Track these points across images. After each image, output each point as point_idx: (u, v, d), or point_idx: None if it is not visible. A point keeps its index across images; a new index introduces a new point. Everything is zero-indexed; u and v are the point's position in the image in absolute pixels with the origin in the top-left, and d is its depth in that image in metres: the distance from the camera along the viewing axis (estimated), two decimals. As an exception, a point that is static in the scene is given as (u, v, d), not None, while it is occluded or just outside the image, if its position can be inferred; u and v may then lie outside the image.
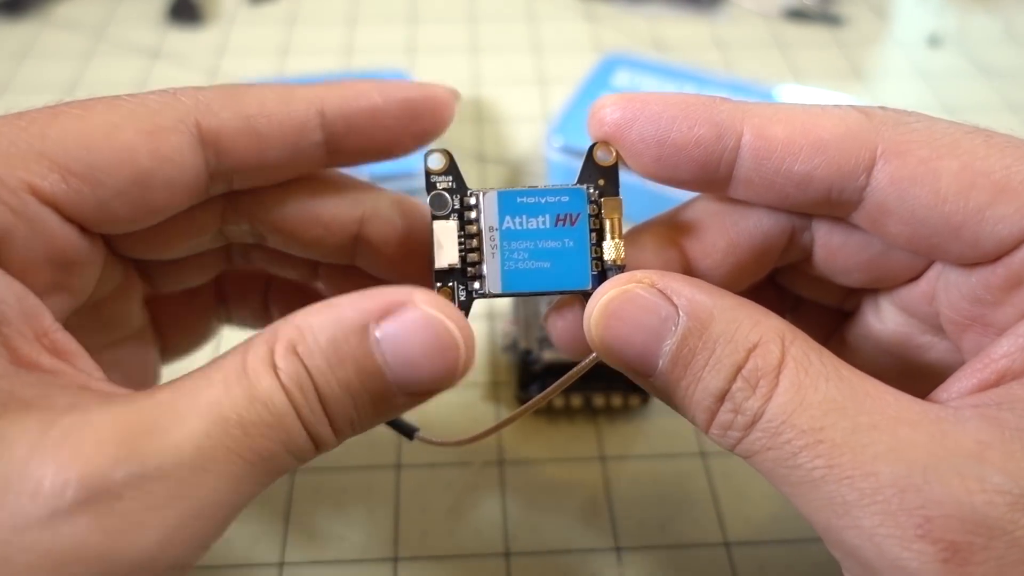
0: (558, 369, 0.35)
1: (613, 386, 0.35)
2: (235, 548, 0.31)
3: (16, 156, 0.19)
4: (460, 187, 0.23)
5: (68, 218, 0.20)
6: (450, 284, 0.23)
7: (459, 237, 0.23)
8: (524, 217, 0.23)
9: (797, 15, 0.64)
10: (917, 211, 0.20)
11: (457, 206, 0.23)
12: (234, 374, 0.19)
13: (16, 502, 0.16)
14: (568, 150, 0.45)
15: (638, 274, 0.21)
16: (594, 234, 0.23)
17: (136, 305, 0.26)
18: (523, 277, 0.23)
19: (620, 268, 0.23)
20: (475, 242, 0.23)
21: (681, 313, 0.20)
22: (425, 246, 0.23)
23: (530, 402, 0.25)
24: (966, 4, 0.66)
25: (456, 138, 0.52)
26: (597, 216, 0.23)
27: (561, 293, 0.23)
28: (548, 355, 0.35)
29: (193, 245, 0.25)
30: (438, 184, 0.23)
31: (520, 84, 0.57)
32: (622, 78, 0.51)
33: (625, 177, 0.24)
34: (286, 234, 0.24)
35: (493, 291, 0.23)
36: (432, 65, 0.58)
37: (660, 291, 0.21)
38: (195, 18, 0.62)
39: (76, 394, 0.18)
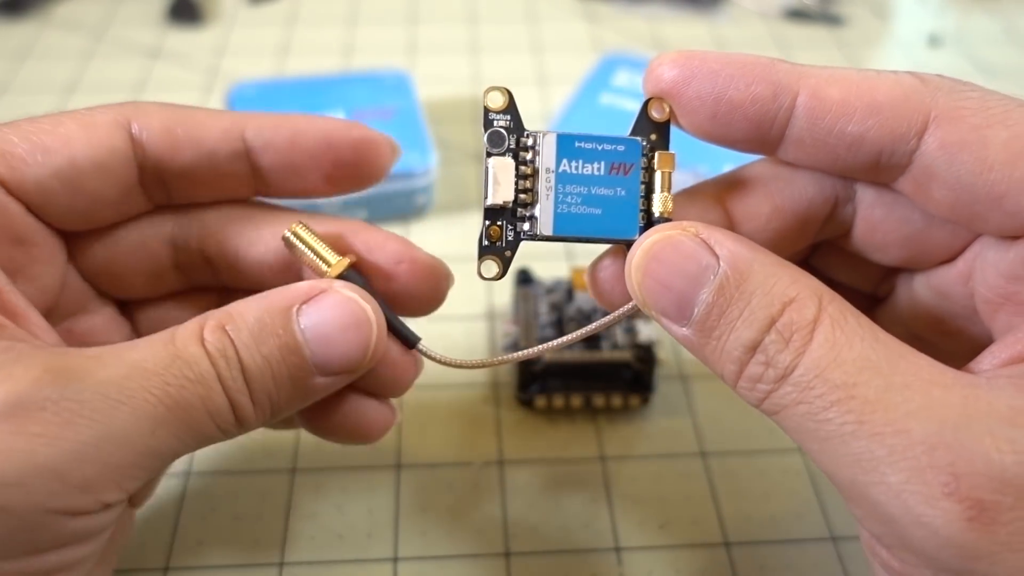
0: (558, 369, 0.35)
1: (613, 386, 0.35)
2: (235, 548, 0.31)
3: None
4: (518, 127, 0.23)
5: (12, 194, 0.23)
6: (500, 223, 0.23)
7: (514, 176, 0.23)
8: (580, 162, 0.23)
9: (797, 15, 0.64)
10: (963, 177, 0.21)
11: (512, 146, 0.23)
12: (161, 341, 0.21)
13: None
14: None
15: (683, 223, 0.22)
16: (643, 187, 0.23)
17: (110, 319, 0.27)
18: (574, 221, 0.23)
19: (668, 220, 0.23)
20: (528, 183, 0.23)
21: (722, 263, 0.21)
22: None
23: (557, 340, 0.25)
24: (966, 4, 0.66)
25: (456, 138, 0.52)
26: (648, 169, 0.23)
27: (608, 241, 0.23)
28: (548, 355, 0.35)
29: (150, 281, 0.27)
30: (496, 122, 0.23)
31: (520, 84, 0.57)
32: (622, 78, 0.51)
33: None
34: (238, 268, 0.26)
35: (544, 232, 0.23)
36: (432, 65, 0.58)
37: (703, 240, 0.21)
38: (195, 18, 0.62)
39: (12, 342, 0.20)
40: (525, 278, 0.39)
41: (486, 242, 0.23)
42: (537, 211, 0.23)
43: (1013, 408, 0.18)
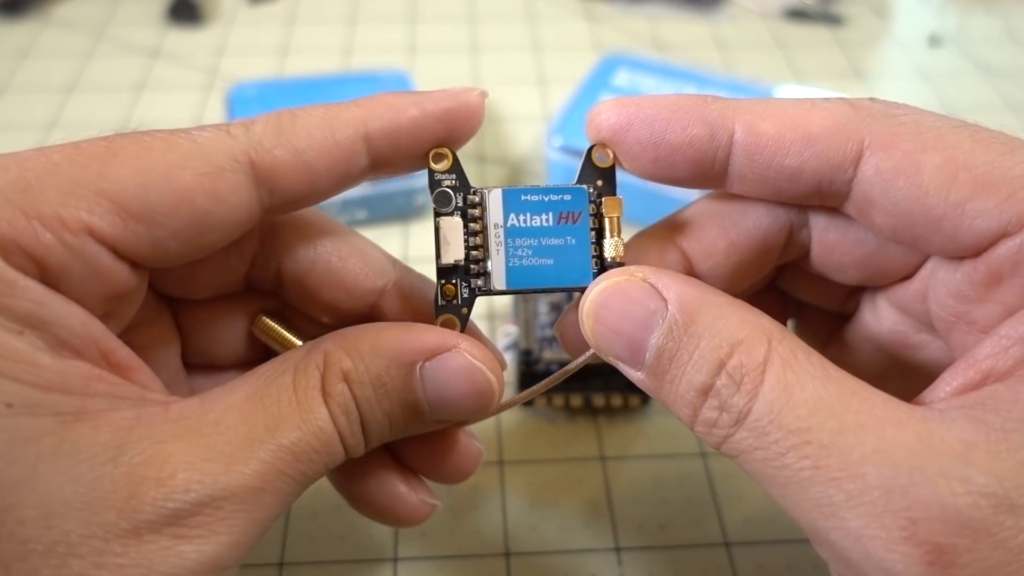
0: (557, 369, 0.35)
1: (613, 386, 0.35)
2: (235, 548, 0.31)
3: (77, 195, 0.19)
4: (463, 185, 0.23)
5: (122, 256, 0.21)
6: (453, 281, 0.23)
7: (464, 234, 0.23)
8: (528, 215, 0.23)
9: (797, 15, 0.64)
10: (900, 203, 0.21)
11: (460, 204, 0.23)
12: (287, 400, 0.21)
13: (103, 515, 0.18)
14: (568, 150, 0.45)
15: (631, 268, 0.22)
16: (594, 233, 0.23)
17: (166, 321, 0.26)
18: (527, 274, 0.23)
19: (620, 265, 0.23)
20: (478, 239, 0.23)
21: (669, 307, 0.20)
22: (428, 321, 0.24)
23: (518, 395, 0.25)
24: (966, 4, 0.66)
25: (456, 138, 0.52)
26: (597, 215, 0.23)
27: (563, 290, 0.23)
28: (548, 355, 0.35)
29: (218, 287, 0.25)
30: (443, 182, 0.23)
31: (520, 84, 0.57)
32: (622, 78, 0.51)
33: (624, 177, 0.24)
34: (307, 289, 0.25)
35: (498, 287, 0.23)
36: (432, 65, 0.58)
37: (651, 285, 0.21)
38: (195, 18, 0.62)
39: (139, 409, 0.20)
40: (525, 278, 0.39)
41: (442, 301, 0.23)
42: (490, 266, 0.23)
43: (966, 443, 0.18)
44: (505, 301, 0.41)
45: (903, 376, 0.25)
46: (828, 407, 0.19)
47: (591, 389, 0.35)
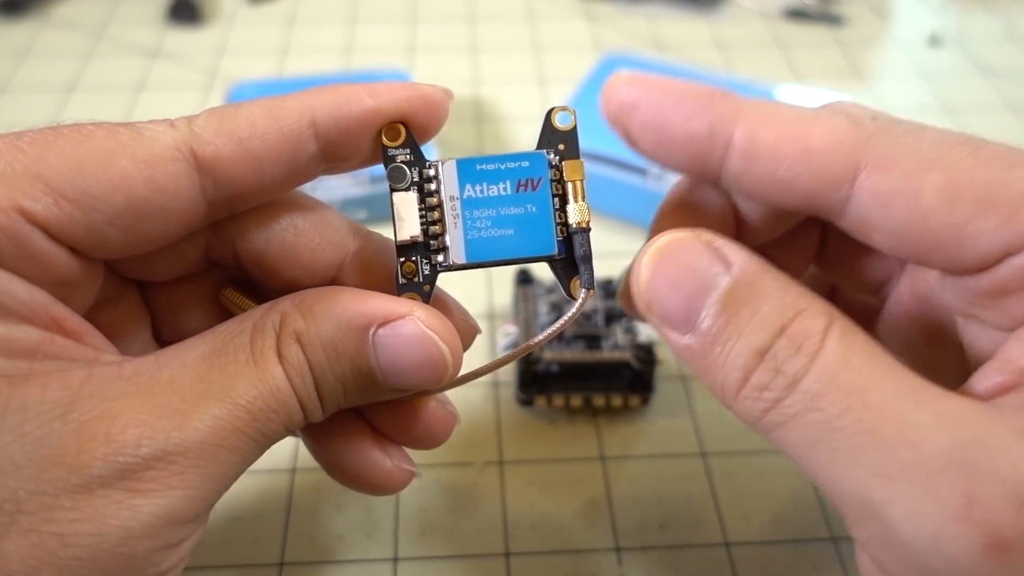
0: (557, 369, 0.35)
1: (613, 386, 0.35)
2: (235, 548, 0.31)
3: (11, 177, 0.20)
4: (418, 159, 0.23)
5: (58, 240, 0.21)
6: (413, 259, 0.23)
7: (420, 209, 0.22)
8: (484, 185, 0.22)
9: (797, 15, 0.64)
10: (900, 225, 0.20)
11: (416, 179, 0.23)
12: (244, 360, 0.21)
13: (52, 470, 0.18)
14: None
15: (697, 230, 0.21)
16: (557, 199, 0.23)
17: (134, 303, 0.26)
18: (487, 245, 0.22)
19: (586, 231, 0.22)
20: (436, 214, 0.22)
21: (734, 270, 0.20)
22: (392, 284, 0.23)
23: (480, 367, 0.24)
24: (966, 4, 0.66)
25: (456, 138, 0.52)
26: (560, 181, 0.23)
27: (527, 260, 0.23)
28: (549, 355, 0.35)
29: (176, 271, 0.25)
30: (397, 157, 0.23)
31: (520, 84, 0.57)
32: (622, 78, 0.51)
33: (632, 180, 0.23)
34: (266, 269, 0.25)
35: (457, 262, 0.22)
36: (432, 65, 0.58)
37: (716, 248, 0.21)
38: (195, 18, 0.62)
39: (90, 368, 0.20)
40: (525, 278, 0.39)
41: (403, 280, 0.23)
42: (448, 241, 0.22)
43: (1020, 428, 0.18)
44: (505, 301, 0.41)
45: (933, 366, 0.24)
46: (886, 374, 0.19)
47: (591, 389, 0.35)
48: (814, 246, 0.27)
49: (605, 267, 0.39)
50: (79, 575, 0.18)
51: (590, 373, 0.36)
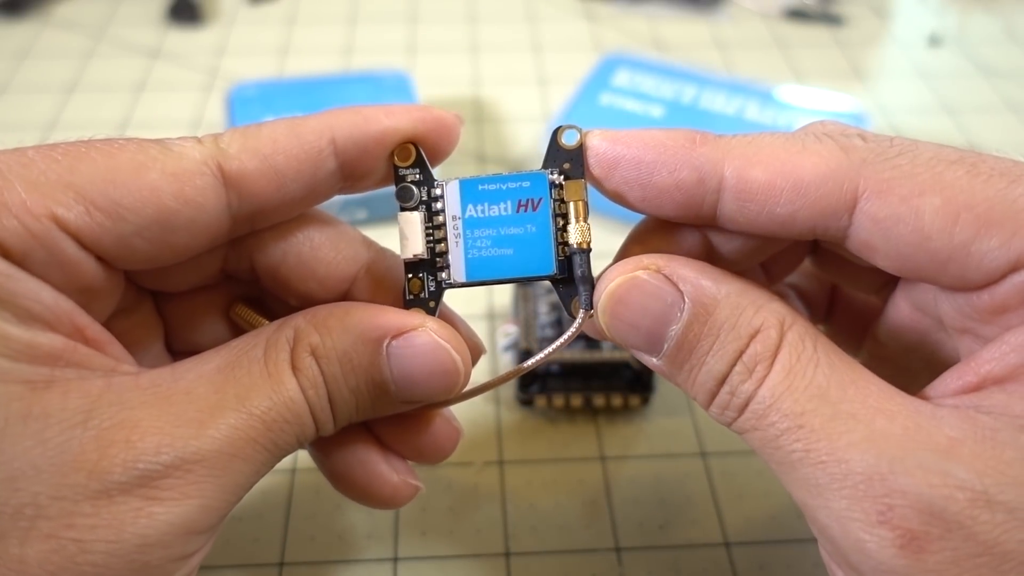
0: (558, 369, 0.35)
1: (613, 386, 0.35)
2: (235, 548, 0.31)
3: (45, 185, 0.20)
4: (427, 179, 0.23)
5: (88, 248, 0.21)
6: (420, 275, 0.23)
7: (426, 228, 0.23)
8: (486, 204, 0.23)
9: (797, 15, 0.64)
10: (902, 249, 0.21)
11: (424, 198, 0.23)
12: (258, 372, 0.21)
13: (72, 476, 0.19)
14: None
15: (644, 259, 0.22)
16: (560, 219, 0.23)
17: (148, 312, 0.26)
18: (486, 264, 0.23)
19: (586, 251, 0.23)
20: (442, 232, 0.23)
21: (686, 299, 0.21)
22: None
23: (491, 380, 0.25)
24: (966, 4, 0.66)
25: (456, 138, 0.52)
26: (562, 201, 0.23)
27: (525, 280, 0.23)
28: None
29: (193, 282, 0.26)
30: (407, 177, 0.23)
31: (520, 84, 0.57)
32: (622, 78, 0.51)
33: None
34: (280, 281, 0.25)
35: (458, 280, 0.23)
36: (432, 65, 0.58)
37: (666, 277, 0.21)
38: (195, 18, 0.62)
39: (109, 377, 0.20)
40: (525, 278, 0.39)
41: (410, 296, 0.23)
42: (451, 259, 0.23)
43: (951, 439, 0.19)
44: (505, 301, 0.41)
45: (931, 369, 0.24)
46: (824, 395, 0.20)
47: (591, 389, 0.35)
48: (805, 248, 0.27)
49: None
50: None
51: (590, 373, 0.36)
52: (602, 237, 0.24)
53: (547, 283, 0.39)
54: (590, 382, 0.36)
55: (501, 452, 0.35)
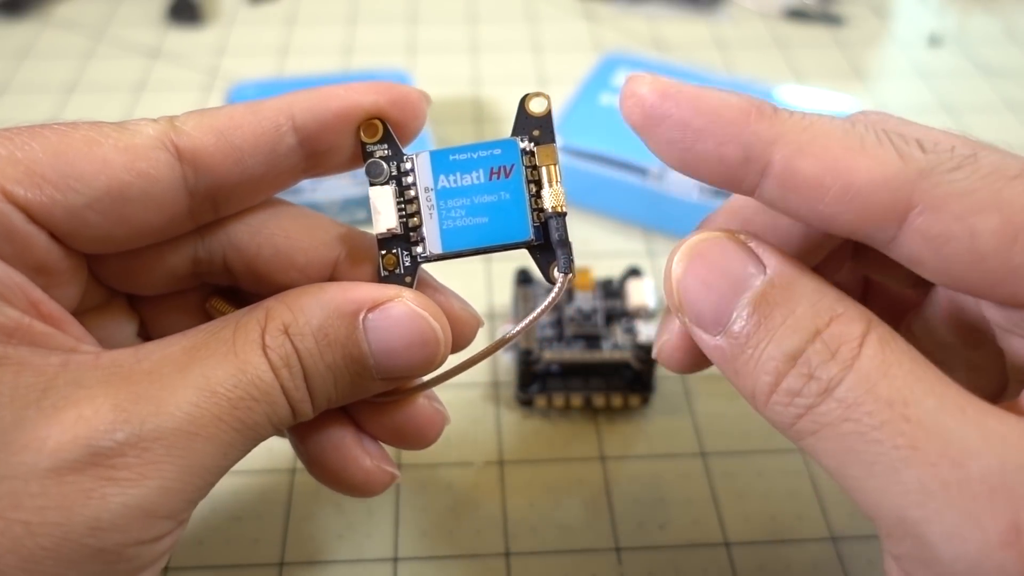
0: (558, 369, 0.35)
1: (613, 386, 0.35)
2: (235, 548, 0.31)
3: None
4: (396, 154, 0.23)
5: (38, 223, 0.21)
6: (394, 251, 0.23)
7: (397, 203, 0.23)
8: (458, 174, 0.23)
9: (797, 15, 0.64)
10: (953, 268, 0.19)
11: (395, 172, 0.23)
12: (223, 351, 0.20)
13: (22, 454, 0.18)
14: (568, 150, 0.45)
15: (733, 229, 0.21)
16: (533, 185, 0.23)
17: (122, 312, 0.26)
18: (462, 234, 0.23)
19: (562, 215, 0.22)
20: (415, 206, 0.23)
21: (768, 271, 0.20)
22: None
23: (475, 355, 0.24)
24: (966, 4, 0.66)
25: (456, 138, 0.52)
26: (535, 167, 0.23)
27: (503, 247, 0.23)
28: (548, 355, 0.35)
29: (166, 284, 0.25)
30: (375, 153, 0.23)
31: (520, 84, 0.57)
32: (622, 78, 0.51)
33: (644, 183, 0.23)
34: (260, 275, 0.25)
35: (434, 252, 0.23)
36: (432, 65, 0.58)
37: (751, 248, 0.20)
38: (195, 18, 0.62)
39: (67, 356, 0.20)
40: (525, 278, 0.39)
41: (384, 272, 0.23)
42: (425, 232, 0.23)
43: None
44: (505, 301, 0.41)
45: (969, 366, 0.23)
46: (928, 386, 0.18)
47: (591, 389, 0.35)
48: (850, 245, 0.25)
49: (605, 267, 0.39)
50: (45, 566, 0.18)
51: (590, 373, 0.36)
52: (601, 236, 0.24)
53: (547, 284, 0.39)
54: (590, 382, 0.36)
55: (501, 452, 0.35)
